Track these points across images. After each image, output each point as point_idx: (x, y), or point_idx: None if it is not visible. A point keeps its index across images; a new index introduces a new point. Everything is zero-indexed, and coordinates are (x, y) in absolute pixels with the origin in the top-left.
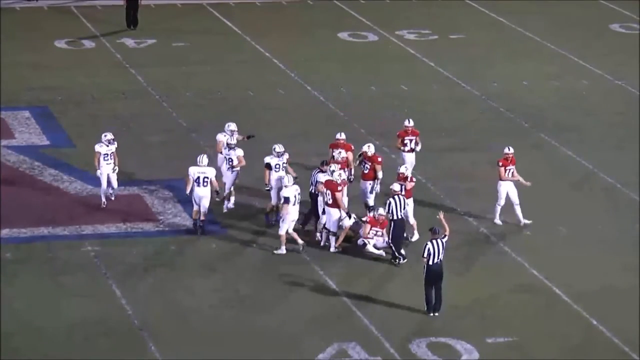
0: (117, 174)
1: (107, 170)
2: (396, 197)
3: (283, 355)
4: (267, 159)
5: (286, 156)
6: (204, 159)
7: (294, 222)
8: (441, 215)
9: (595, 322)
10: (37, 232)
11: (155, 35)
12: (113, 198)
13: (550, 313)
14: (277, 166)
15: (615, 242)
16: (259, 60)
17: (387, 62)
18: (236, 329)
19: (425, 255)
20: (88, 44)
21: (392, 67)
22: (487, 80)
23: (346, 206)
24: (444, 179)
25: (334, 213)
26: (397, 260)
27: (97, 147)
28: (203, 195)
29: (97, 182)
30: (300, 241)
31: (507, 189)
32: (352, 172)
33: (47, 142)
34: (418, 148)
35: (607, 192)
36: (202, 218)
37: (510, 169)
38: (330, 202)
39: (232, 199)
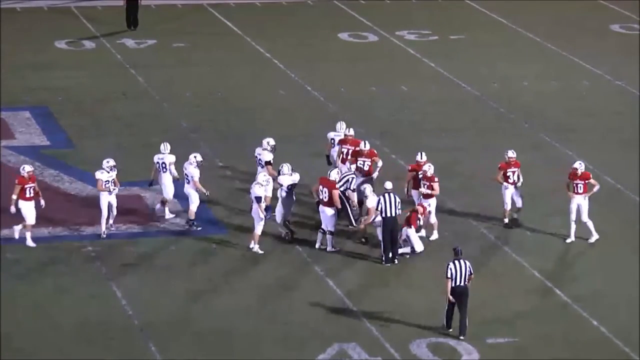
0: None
1: (108, 197)
2: (386, 195)
3: (283, 355)
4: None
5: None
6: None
7: (263, 220)
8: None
9: (595, 323)
10: (37, 233)
11: (155, 36)
12: (113, 228)
13: (551, 313)
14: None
15: (615, 242)
16: (259, 61)
17: (387, 63)
18: (236, 329)
19: (449, 275)
20: (88, 44)
21: (392, 67)
22: (487, 80)
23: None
24: (444, 180)
25: (329, 212)
26: (384, 260)
27: (99, 174)
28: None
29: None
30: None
31: (577, 203)
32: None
33: (48, 143)
34: (519, 182)
35: (608, 192)
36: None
37: (578, 184)
38: (326, 199)
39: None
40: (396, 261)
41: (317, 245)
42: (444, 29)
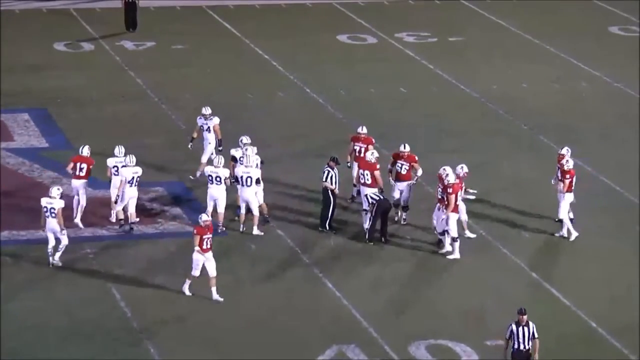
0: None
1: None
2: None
3: (283, 356)
4: (233, 152)
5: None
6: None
7: (133, 200)
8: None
9: (594, 324)
10: (37, 234)
11: (154, 38)
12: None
13: (549, 315)
14: (242, 159)
15: (614, 243)
16: (258, 63)
17: (386, 65)
18: (235, 331)
19: (507, 336)
20: (87, 46)
21: (391, 69)
22: (487, 82)
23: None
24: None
25: (371, 191)
26: (368, 238)
27: (43, 201)
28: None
29: (96, 184)
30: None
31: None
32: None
33: (47, 145)
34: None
35: (607, 193)
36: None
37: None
38: (369, 182)
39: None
40: (384, 239)
41: (365, 226)
42: (442, 30)
